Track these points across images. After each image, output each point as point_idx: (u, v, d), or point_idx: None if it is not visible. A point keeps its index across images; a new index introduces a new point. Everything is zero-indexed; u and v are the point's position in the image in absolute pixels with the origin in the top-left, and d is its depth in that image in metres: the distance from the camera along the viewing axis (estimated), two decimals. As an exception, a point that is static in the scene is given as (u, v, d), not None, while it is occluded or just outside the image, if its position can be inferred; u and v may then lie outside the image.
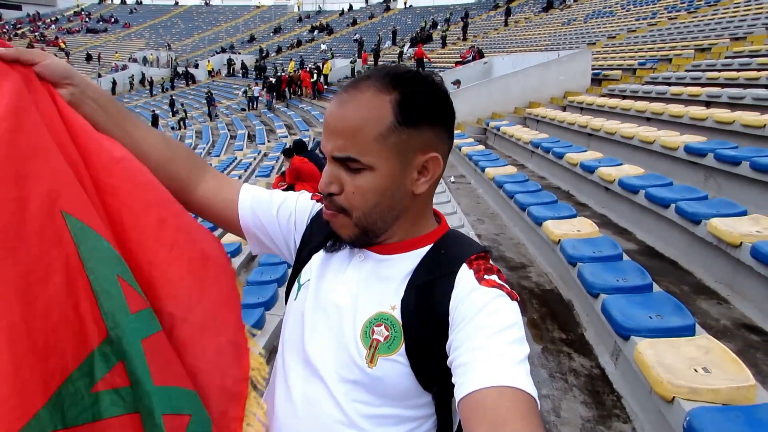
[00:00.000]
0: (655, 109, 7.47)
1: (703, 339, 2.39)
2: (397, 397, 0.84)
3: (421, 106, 0.82)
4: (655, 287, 3.07)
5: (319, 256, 0.97)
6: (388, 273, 0.88)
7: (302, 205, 1.05)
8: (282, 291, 4.44)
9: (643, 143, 6.20)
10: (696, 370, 2.18)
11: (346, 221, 0.86)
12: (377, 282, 0.88)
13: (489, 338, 0.74)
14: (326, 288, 0.92)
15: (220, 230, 4.27)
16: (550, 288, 4.09)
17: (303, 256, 1.01)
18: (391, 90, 0.81)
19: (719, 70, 8.95)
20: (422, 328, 0.82)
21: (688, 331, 2.49)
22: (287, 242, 1.06)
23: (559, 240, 3.93)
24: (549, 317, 3.62)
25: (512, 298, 0.81)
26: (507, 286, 0.83)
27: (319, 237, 0.99)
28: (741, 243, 3.22)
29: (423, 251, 0.89)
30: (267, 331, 3.76)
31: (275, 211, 1.04)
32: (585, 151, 6.61)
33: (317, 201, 1.05)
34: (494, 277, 0.83)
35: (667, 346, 2.37)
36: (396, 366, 0.83)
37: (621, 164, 5.56)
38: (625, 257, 3.55)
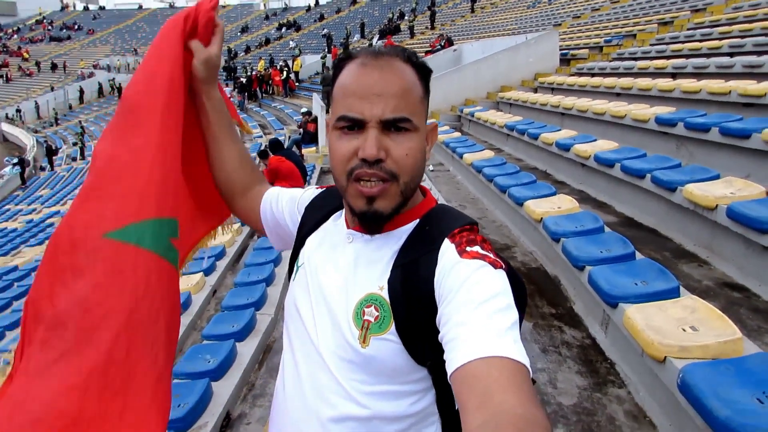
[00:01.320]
0: (624, 84, 7.59)
1: (688, 299, 2.46)
2: (393, 374, 0.86)
3: (428, 79, 0.92)
4: (638, 255, 3.15)
5: (313, 240, 1.02)
6: (375, 253, 0.90)
7: (305, 195, 1.12)
8: (270, 290, 4.42)
9: (614, 118, 6.31)
10: (684, 330, 2.25)
11: (394, 189, 0.84)
12: (366, 263, 0.90)
13: (473, 311, 0.74)
14: (319, 271, 0.95)
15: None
16: (535, 266, 4.15)
17: (299, 239, 1.06)
18: (406, 61, 0.88)
19: (682, 42, 9.13)
20: (410, 306, 0.84)
21: (673, 294, 2.56)
22: (295, 232, 1.11)
23: (541, 218, 3.99)
24: (537, 294, 3.68)
25: (496, 267, 0.81)
26: (490, 255, 0.83)
27: (313, 221, 1.04)
28: (716, 206, 3.32)
29: (409, 228, 0.91)
30: (259, 331, 3.75)
31: (284, 209, 1.13)
32: (559, 130, 6.70)
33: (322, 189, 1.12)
34: (476, 248, 0.83)
35: (655, 309, 2.44)
36: (388, 345, 0.84)
37: (595, 140, 5.66)
38: (607, 229, 3.63)
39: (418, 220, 0.91)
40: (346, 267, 0.91)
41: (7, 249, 11.61)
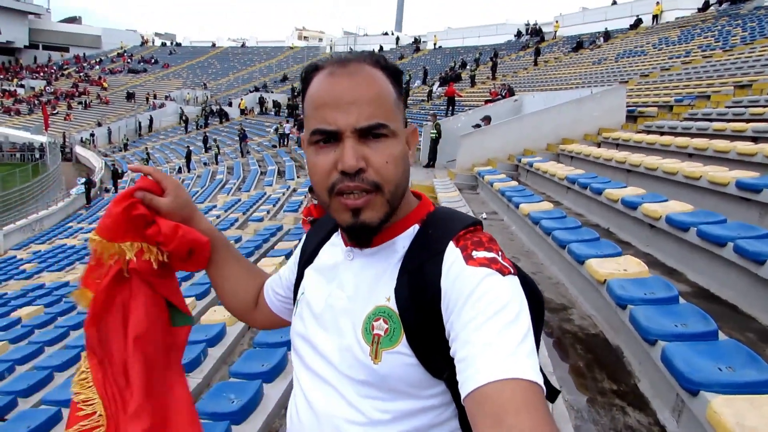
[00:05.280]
0: (699, 145, 7.14)
1: (789, 397, 2.07)
2: (409, 389, 0.82)
3: (400, 82, 0.87)
4: (720, 335, 2.75)
5: (312, 268, 0.99)
6: (378, 266, 0.87)
7: (296, 252, 1.09)
8: (290, 354, 4.19)
9: (688, 179, 5.88)
10: (785, 435, 1.86)
11: (379, 199, 0.81)
12: (370, 277, 0.87)
13: (480, 328, 0.71)
14: (322, 294, 0.92)
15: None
16: (595, 332, 3.76)
17: (299, 272, 1.03)
18: (377, 66, 0.84)
19: (763, 106, 8.61)
20: (419, 315, 0.80)
21: (767, 387, 2.17)
22: None
23: (605, 280, 3.63)
24: (596, 365, 3.30)
25: (504, 273, 0.76)
26: (498, 260, 0.78)
27: (311, 248, 1.02)
28: (817, 286, 2.89)
29: (409, 234, 0.87)
30: (289, 373, 3.51)
31: (285, 274, 1.11)
32: (625, 187, 6.30)
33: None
34: (482, 254, 0.79)
35: (746, 404, 2.05)
36: (400, 358, 0.81)
37: (666, 200, 5.24)
38: (681, 300, 3.24)
39: (417, 226, 0.88)
40: (350, 284, 0.88)
41: (62, 264, 11.98)
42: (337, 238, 0.97)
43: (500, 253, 0.81)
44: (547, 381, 0.85)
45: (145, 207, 0.99)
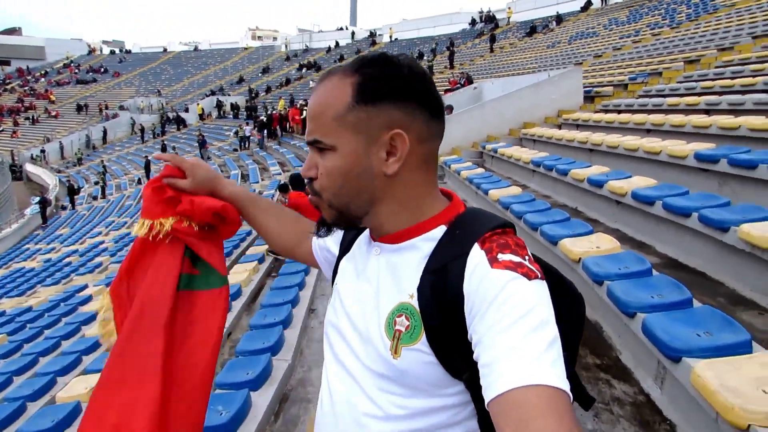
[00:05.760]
0: (656, 121, 7.35)
1: (766, 356, 2.15)
2: (426, 387, 0.82)
3: (381, 84, 0.84)
4: (695, 302, 2.84)
5: (345, 260, 1.03)
6: (404, 262, 0.87)
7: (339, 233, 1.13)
8: (287, 333, 4.17)
9: (649, 154, 6.05)
10: (765, 392, 1.94)
11: (323, 204, 0.90)
12: (395, 272, 0.88)
13: (504, 334, 0.70)
14: (352, 288, 0.95)
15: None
16: (573, 310, 3.84)
17: (337, 263, 1.07)
18: (353, 73, 0.85)
19: (712, 80, 8.92)
20: (441, 315, 0.80)
21: (745, 348, 2.25)
22: None
23: (580, 258, 3.71)
24: (578, 341, 3.36)
25: (530, 278, 0.75)
26: (525, 263, 0.77)
27: (348, 240, 1.06)
28: (780, 248, 3.01)
29: (437, 233, 0.87)
30: (275, 379, 3.47)
31: (329, 242, 1.16)
32: (589, 166, 6.44)
33: None
34: (508, 257, 0.77)
35: (727, 366, 2.13)
36: (419, 355, 0.81)
37: (630, 176, 5.38)
38: (655, 272, 3.33)
39: (445, 227, 0.87)
40: (376, 279, 0.90)
41: (23, 289, 11.48)
42: (367, 234, 0.98)
43: (527, 257, 0.79)
44: (583, 388, 0.86)
45: (171, 189, 1.20)
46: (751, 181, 4.49)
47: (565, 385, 0.66)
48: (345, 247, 1.05)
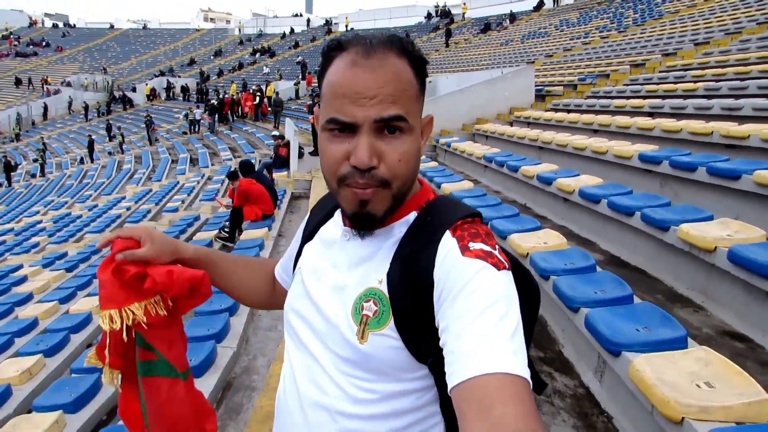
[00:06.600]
0: (603, 121, 7.59)
1: (700, 351, 2.24)
2: (391, 371, 0.82)
3: (425, 68, 0.85)
4: (635, 298, 2.94)
5: (310, 245, 1.01)
6: (373, 248, 0.87)
7: (300, 229, 1.11)
8: (233, 320, 4.07)
9: (596, 154, 6.24)
10: (699, 386, 2.02)
11: (386, 194, 0.81)
12: (364, 258, 0.87)
13: (471, 323, 0.71)
14: (317, 271, 0.93)
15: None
16: (520, 304, 3.91)
17: (300, 248, 1.05)
18: (404, 55, 0.81)
19: (657, 83, 9.29)
20: (409, 301, 0.80)
21: (681, 344, 2.34)
22: None
23: (528, 253, 3.78)
24: (523, 335, 3.43)
25: (499, 268, 0.76)
26: (494, 254, 0.78)
27: (312, 225, 1.03)
28: (716, 248, 3.15)
29: (407, 220, 0.87)
30: (219, 367, 3.38)
31: (291, 252, 1.12)
32: (539, 163, 6.59)
33: None
34: (479, 246, 0.78)
35: (663, 360, 2.21)
36: (386, 340, 0.81)
37: (578, 175, 5.53)
38: (598, 268, 3.42)
39: (416, 212, 0.87)
40: (345, 264, 0.89)
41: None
42: (337, 218, 0.96)
43: (497, 247, 0.80)
44: (536, 374, 0.87)
45: (132, 264, 1.00)
46: (691, 182, 4.70)
47: (526, 373, 0.68)
48: (308, 234, 1.03)
